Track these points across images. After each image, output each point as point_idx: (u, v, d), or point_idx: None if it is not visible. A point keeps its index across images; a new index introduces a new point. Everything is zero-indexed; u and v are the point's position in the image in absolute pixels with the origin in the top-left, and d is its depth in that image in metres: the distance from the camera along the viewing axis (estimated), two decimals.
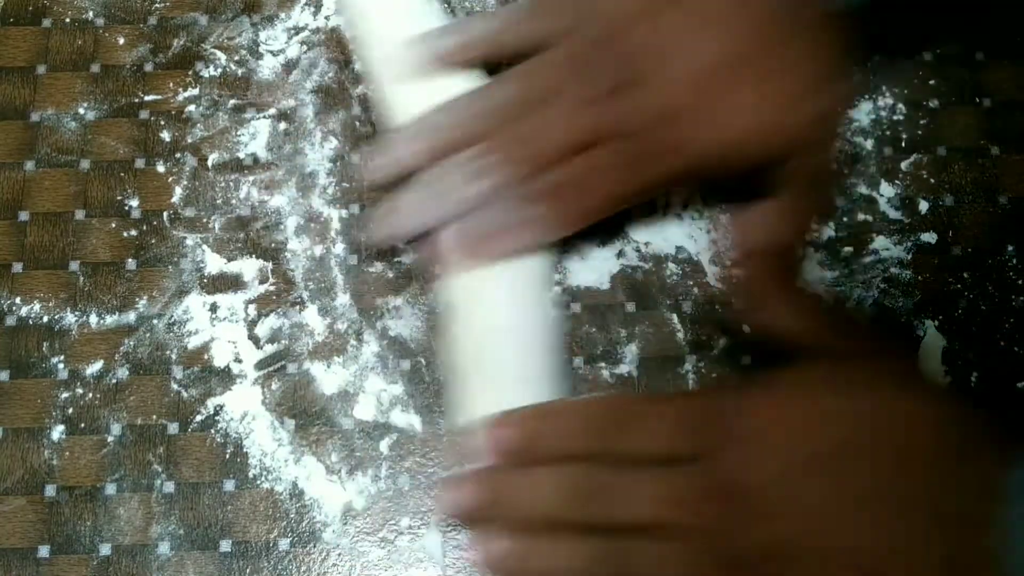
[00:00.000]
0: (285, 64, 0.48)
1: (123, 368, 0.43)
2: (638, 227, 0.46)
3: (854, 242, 0.46)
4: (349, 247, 0.45)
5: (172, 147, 0.47)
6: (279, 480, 0.42)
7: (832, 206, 0.44)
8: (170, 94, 0.47)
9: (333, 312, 0.44)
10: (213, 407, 0.43)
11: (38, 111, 0.47)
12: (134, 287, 0.44)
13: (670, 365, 0.44)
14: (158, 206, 0.46)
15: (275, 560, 0.41)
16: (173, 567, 0.41)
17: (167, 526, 0.41)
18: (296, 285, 0.45)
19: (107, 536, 0.41)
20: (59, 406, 0.43)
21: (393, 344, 0.44)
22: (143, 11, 0.49)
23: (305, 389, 0.43)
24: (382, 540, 0.41)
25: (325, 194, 0.46)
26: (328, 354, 0.44)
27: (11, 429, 0.42)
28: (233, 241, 0.45)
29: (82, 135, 0.47)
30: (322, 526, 0.41)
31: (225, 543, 0.41)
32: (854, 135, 0.47)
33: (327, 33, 0.49)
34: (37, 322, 0.44)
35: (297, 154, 0.47)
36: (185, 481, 0.42)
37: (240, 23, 0.49)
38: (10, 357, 0.43)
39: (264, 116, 0.47)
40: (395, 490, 0.42)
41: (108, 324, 0.44)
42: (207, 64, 0.48)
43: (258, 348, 0.44)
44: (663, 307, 0.45)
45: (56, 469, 0.42)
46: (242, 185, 0.46)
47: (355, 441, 0.42)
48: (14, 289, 0.44)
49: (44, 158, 0.46)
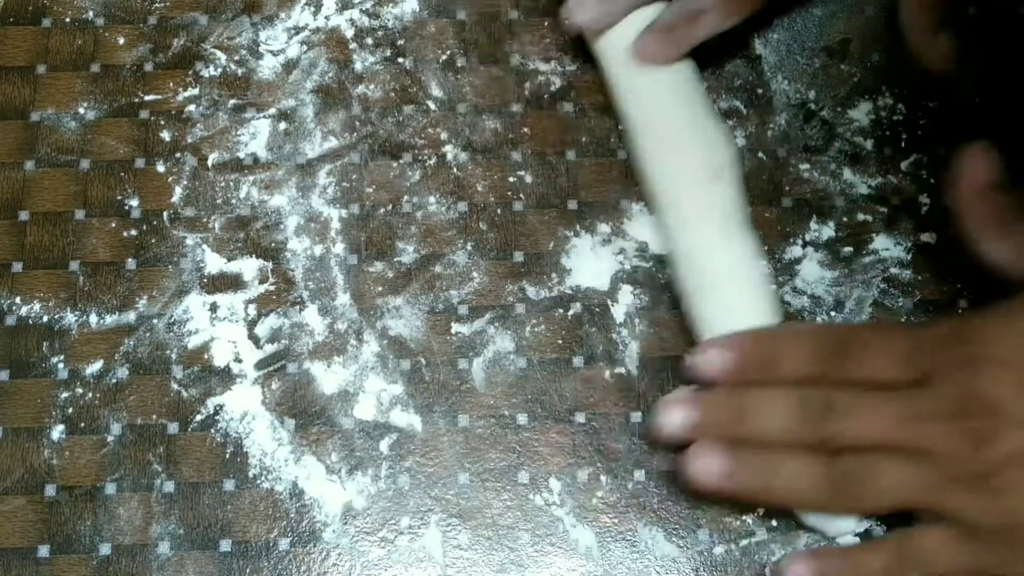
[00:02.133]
0: (285, 64, 0.48)
1: (123, 368, 0.43)
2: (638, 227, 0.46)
3: (854, 242, 0.46)
4: (349, 247, 0.45)
5: (172, 147, 0.47)
6: (279, 480, 0.42)
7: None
8: (170, 94, 0.47)
9: (333, 312, 0.44)
10: (213, 407, 0.43)
11: (38, 111, 0.47)
12: (134, 287, 0.45)
13: (670, 365, 0.44)
14: (158, 206, 0.46)
15: (275, 560, 0.41)
16: (173, 567, 0.41)
17: (167, 526, 0.41)
18: (296, 285, 0.45)
19: (107, 536, 0.41)
20: (59, 406, 0.43)
21: (393, 344, 0.44)
22: (143, 11, 0.49)
23: (305, 389, 0.43)
24: (382, 540, 0.41)
25: (325, 194, 0.46)
26: (328, 354, 0.44)
27: (11, 429, 0.42)
28: (233, 241, 0.45)
29: (82, 135, 0.47)
30: (322, 526, 0.41)
31: (225, 543, 0.41)
32: (854, 135, 0.47)
33: (327, 33, 0.49)
34: (37, 322, 0.44)
35: (297, 154, 0.47)
36: (185, 481, 0.42)
37: (240, 23, 0.49)
38: (10, 357, 0.43)
39: (264, 116, 0.47)
40: (395, 490, 0.42)
41: (108, 324, 0.44)
42: (207, 64, 0.48)
43: (258, 348, 0.44)
44: (663, 307, 0.45)
45: (56, 469, 0.42)
46: (242, 185, 0.46)
47: (355, 441, 0.43)
48: (14, 289, 0.44)
49: (44, 158, 0.46)
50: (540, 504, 0.42)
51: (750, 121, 0.47)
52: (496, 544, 0.41)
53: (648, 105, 0.44)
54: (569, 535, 0.41)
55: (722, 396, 0.38)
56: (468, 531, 0.41)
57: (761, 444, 0.37)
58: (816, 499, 0.37)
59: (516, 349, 0.44)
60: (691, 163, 0.43)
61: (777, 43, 0.49)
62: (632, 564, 0.41)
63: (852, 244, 0.46)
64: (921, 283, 0.45)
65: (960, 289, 0.45)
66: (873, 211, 0.46)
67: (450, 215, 0.46)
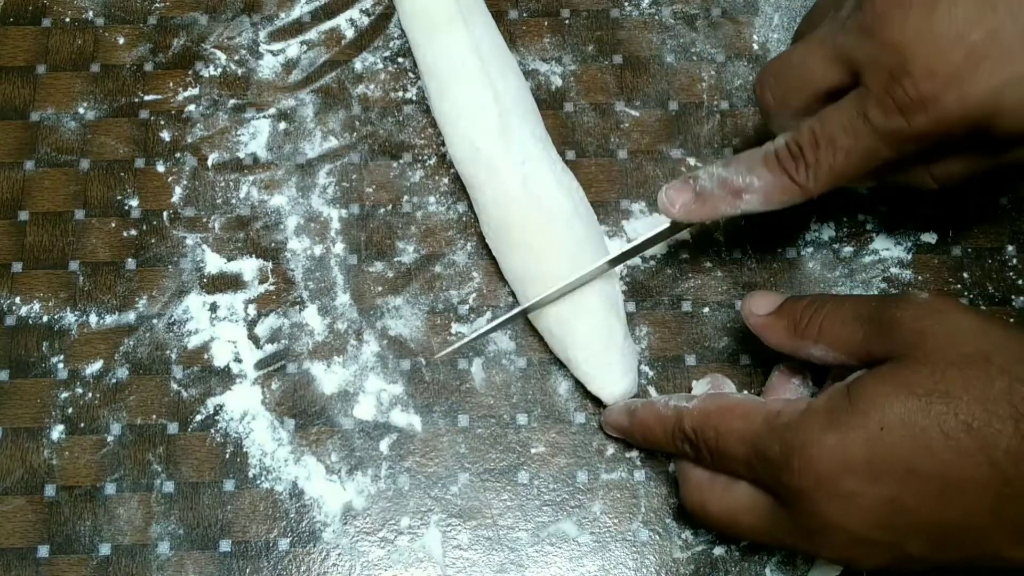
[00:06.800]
0: (285, 64, 0.48)
1: (123, 368, 0.43)
2: (638, 227, 0.46)
3: (854, 242, 0.46)
4: (349, 247, 0.45)
5: (172, 147, 0.47)
6: (279, 480, 0.42)
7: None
8: (170, 94, 0.47)
9: (333, 312, 0.44)
10: (213, 407, 0.43)
11: (38, 111, 0.47)
12: (134, 287, 0.44)
13: (670, 365, 0.44)
14: (158, 206, 0.46)
15: (275, 560, 0.41)
16: (173, 567, 0.41)
17: (167, 526, 0.41)
18: (296, 285, 0.45)
19: (107, 536, 0.41)
20: (59, 406, 0.43)
21: (393, 344, 0.44)
22: (143, 11, 0.49)
23: (305, 389, 0.43)
24: (382, 540, 0.41)
25: (325, 194, 0.46)
26: (328, 354, 0.44)
27: (11, 429, 0.42)
28: (233, 241, 0.45)
29: (82, 135, 0.47)
30: (322, 526, 0.41)
31: (225, 543, 0.41)
32: None
33: (327, 33, 0.49)
34: (37, 322, 0.44)
35: (297, 154, 0.47)
36: (185, 481, 0.42)
37: (240, 23, 0.49)
38: (10, 357, 0.43)
39: (264, 116, 0.47)
40: (395, 490, 0.42)
41: (108, 324, 0.44)
42: (207, 64, 0.48)
43: (258, 348, 0.44)
44: (663, 307, 0.45)
45: (56, 469, 0.42)
46: (242, 185, 0.46)
47: (355, 441, 0.42)
48: (14, 289, 0.44)
49: (44, 158, 0.46)
50: (540, 504, 0.42)
51: (750, 121, 0.47)
52: (496, 544, 0.41)
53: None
54: (569, 535, 0.41)
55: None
56: (468, 531, 0.41)
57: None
58: None
59: (516, 349, 0.44)
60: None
61: (777, 43, 0.49)
62: (632, 564, 0.41)
63: (852, 244, 0.46)
64: (921, 283, 0.45)
65: (960, 289, 0.45)
66: (873, 211, 0.46)
67: (450, 215, 0.46)
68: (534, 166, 0.43)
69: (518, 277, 0.43)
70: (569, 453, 0.43)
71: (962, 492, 0.31)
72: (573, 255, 0.42)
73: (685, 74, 0.48)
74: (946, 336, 0.33)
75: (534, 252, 0.42)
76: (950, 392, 0.32)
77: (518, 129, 0.43)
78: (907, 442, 0.32)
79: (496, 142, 0.43)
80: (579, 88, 0.48)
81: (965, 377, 0.32)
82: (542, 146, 0.44)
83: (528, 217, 0.42)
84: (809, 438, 0.33)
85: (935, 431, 0.31)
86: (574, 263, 0.41)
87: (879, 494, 0.32)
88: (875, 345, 0.34)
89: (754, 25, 0.49)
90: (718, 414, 0.36)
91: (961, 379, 0.32)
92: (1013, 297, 0.45)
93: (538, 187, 0.42)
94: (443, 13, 0.45)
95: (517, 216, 0.42)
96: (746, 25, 0.49)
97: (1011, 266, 0.45)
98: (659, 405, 0.39)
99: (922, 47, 0.34)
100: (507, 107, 0.43)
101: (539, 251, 0.42)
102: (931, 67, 0.34)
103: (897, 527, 0.32)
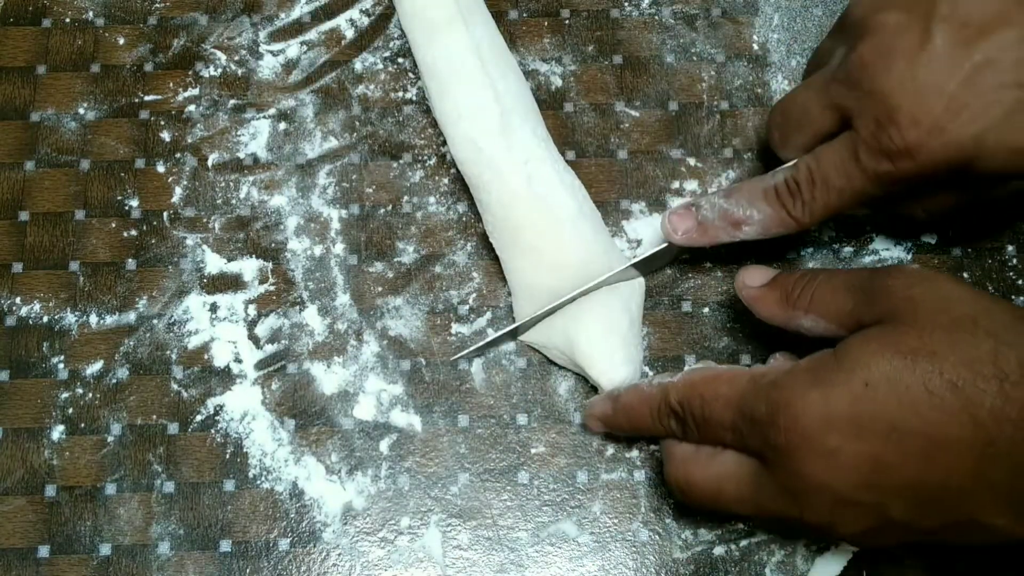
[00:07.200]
0: (285, 64, 0.48)
1: (123, 368, 0.43)
2: (638, 227, 0.46)
3: (854, 242, 0.46)
4: (349, 247, 0.45)
5: (172, 147, 0.47)
6: (279, 480, 0.42)
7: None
8: (170, 94, 0.47)
9: (333, 312, 0.44)
10: (213, 407, 0.43)
11: (38, 111, 0.47)
12: (134, 287, 0.45)
13: (670, 365, 0.44)
14: (158, 206, 0.46)
15: (275, 560, 0.41)
16: (173, 567, 0.41)
17: (167, 526, 0.41)
18: (296, 285, 0.45)
19: (107, 536, 0.41)
20: (59, 406, 0.43)
21: (393, 344, 0.44)
22: (143, 11, 0.49)
23: (305, 389, 0.43)
24: (382, 540, 0.41)
25: (325, 194, 0.46)
26: (328, 354, 0.44)
27: (11, 429, 0.42)
28: (233, 241, 0.45)
29: (82, 135, 0.47)
30: (322, 526, 0.41)
31: (225, 543, 0.41)
32: None
33: (327, 33, 0.49)
34: (37, 322, 0.44)
35: (297, 154, 0.47)
36: (185, 481, 0.42)
37: (240, 23, 0.49)
38: (10, 357, 0.43)
39: (264, 116, 0.47)
40: (395, 490, 0.42)
41: (108, 324, 0.44)
42: (207, 64, 0.48)
43: (258, 348, 0.44)
44: (663, 307, 0.45)
45: (56, 469, 0.42)
46: (242, 185, 0.46)
47: (355, 441, 0.43)
48: (14, 289, 0.44)
49: (44, 158, 0.46)
50: (540, 504, 0.42)
51: (750, 121, 0.47)
52: (496, 544, 0.41)
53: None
54: (569, 535, 0.41)
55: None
56: (468, 531, 0.41)
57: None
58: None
59: (516, 349, 0.44)
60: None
61: (777, 43, 0.49)
62: (632, 564, 0.41)
63: (852, 244, 0.46)
64: None
65: None
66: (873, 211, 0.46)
67: (450, 215, 0.46)
68: (537, 165, 0.43)
69: (526, 284, 0.43)
70: (569, 453, 0.43)
71: (945, 451, 0.32)
72: (583, 261, 0.42)
73: (685, 74, 0.48)
74: (935, 302, 0.33)
75: (544, 260, 0.42)
76: (936, 352, 0.32)
77: (519, 129, 0.43)
78: (891, 399, 0.32)
79: (498, 142, 0.43)
80: (579, 88, 0.48)
81: (952, 339, 0.32)
82: (544, 145, 0.44)
83: (534, 217, 0.42)
84: (794, 395, 0.33)
85: (920, 389, 0.32)
86: (586, 269, 0.42)
87: (863, 451, 0.32)
88: (865, 313, 0.35)
89: (754, 25, 0.49)
90: (703, 382, 0.37)
91: (948, 340, 0.32)
92: (1013, 297, 0.45)
93: (542, 186, 0.42)
94: (443, 13, 0.45)
95: (523, 216, 0.42)
96: (746, 25, 0.49)
97: (1011, 266, 0.45)
98: (643, 385, 0.39)
99: (906, 97, 0.36)
100: (508, 107, 0.43)
101: (549, 260, 0.42)
102: (915, 116, 0.36)
103: (880, 486, 0.33)
